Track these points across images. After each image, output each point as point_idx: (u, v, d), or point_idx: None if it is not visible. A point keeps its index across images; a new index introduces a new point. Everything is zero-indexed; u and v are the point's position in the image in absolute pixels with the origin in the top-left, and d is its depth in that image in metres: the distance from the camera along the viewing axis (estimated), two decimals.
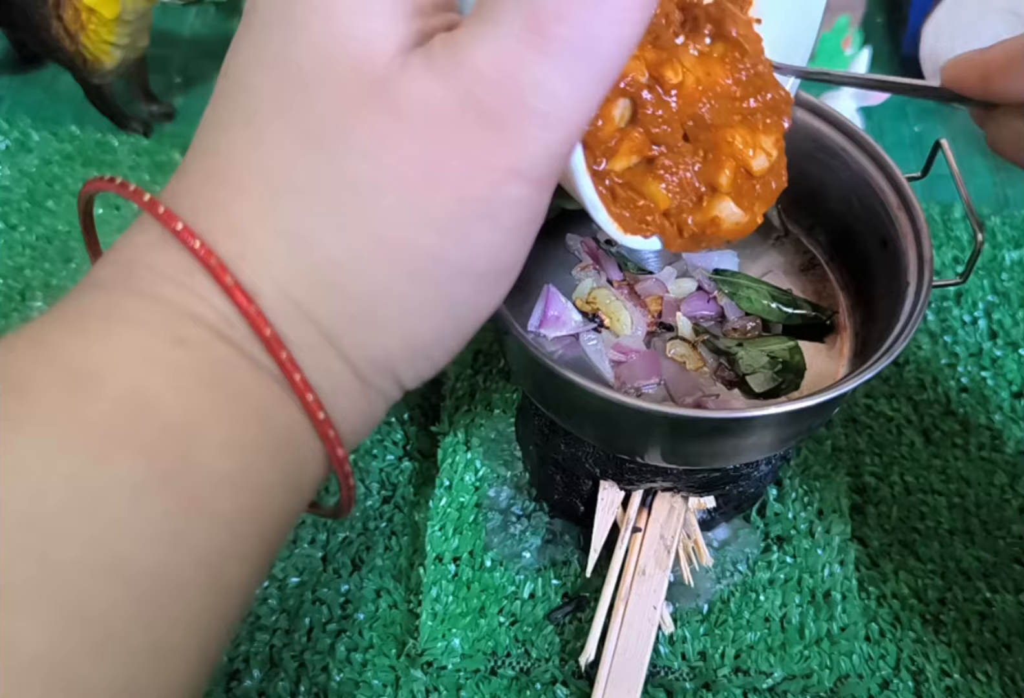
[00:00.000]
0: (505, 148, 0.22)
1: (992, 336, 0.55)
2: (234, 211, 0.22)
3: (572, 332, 0.39)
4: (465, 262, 0.23)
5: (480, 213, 0.22)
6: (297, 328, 0.22)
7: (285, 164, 0.22)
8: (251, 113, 0.23)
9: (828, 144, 0.40)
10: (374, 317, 0.23)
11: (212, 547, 0.21)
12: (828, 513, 0.47)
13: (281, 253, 0.22)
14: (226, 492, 0.21)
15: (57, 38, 0.58)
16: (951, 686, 0.43)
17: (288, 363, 0.22)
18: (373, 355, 0.24)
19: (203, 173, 0.23)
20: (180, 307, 0.22)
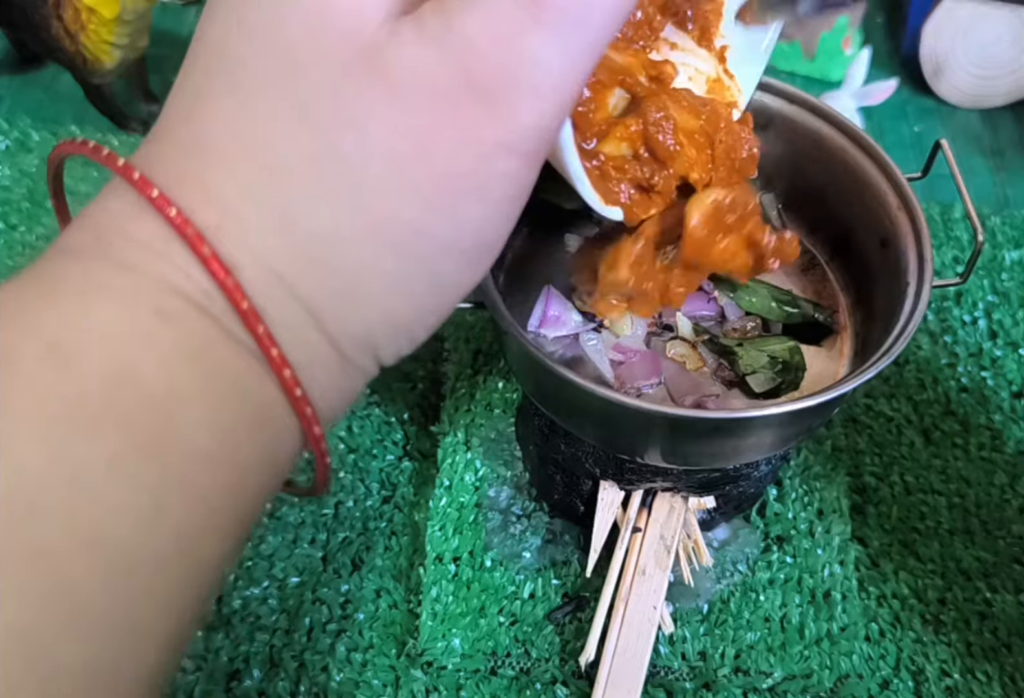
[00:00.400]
0: (496, 120, 0.21)
1: (992, 336, 0.55)
2: (214, 181, 0.22)
3: (572, 332, 0.39)
4: (450, 237, 0.23)
5: (468, 187, 0.22)
6: (277, 302, 0.22)
7: (271, 134, 0.22)
8: (234, 82, 0.22)
9: (828, 144, 0.40)
10: (357, 292, 0.23)
11: (190, 522, 0.21)
12: (828, 513, 0.47)
13: (263, 225, 0.22)
14: (204, 467, 0.21)
15: (57, 38, 0.58)
16: (951, 686, 0.43)
17: (265, 338, 0.22)
18: (354, 331, 0.23)
19: (180, 141, 0.22)
20: (158, 277, 0.21)
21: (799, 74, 0.70)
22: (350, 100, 0.21)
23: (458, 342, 0.52)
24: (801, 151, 0.41)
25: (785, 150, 0.41)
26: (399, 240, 0.22)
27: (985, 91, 0.67)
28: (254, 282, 0.22)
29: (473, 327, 0.53)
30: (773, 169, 0.42)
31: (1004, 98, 0.68)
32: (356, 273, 0.22)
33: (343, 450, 0.50)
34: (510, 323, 0.34)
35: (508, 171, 0.22)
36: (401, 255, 0.23)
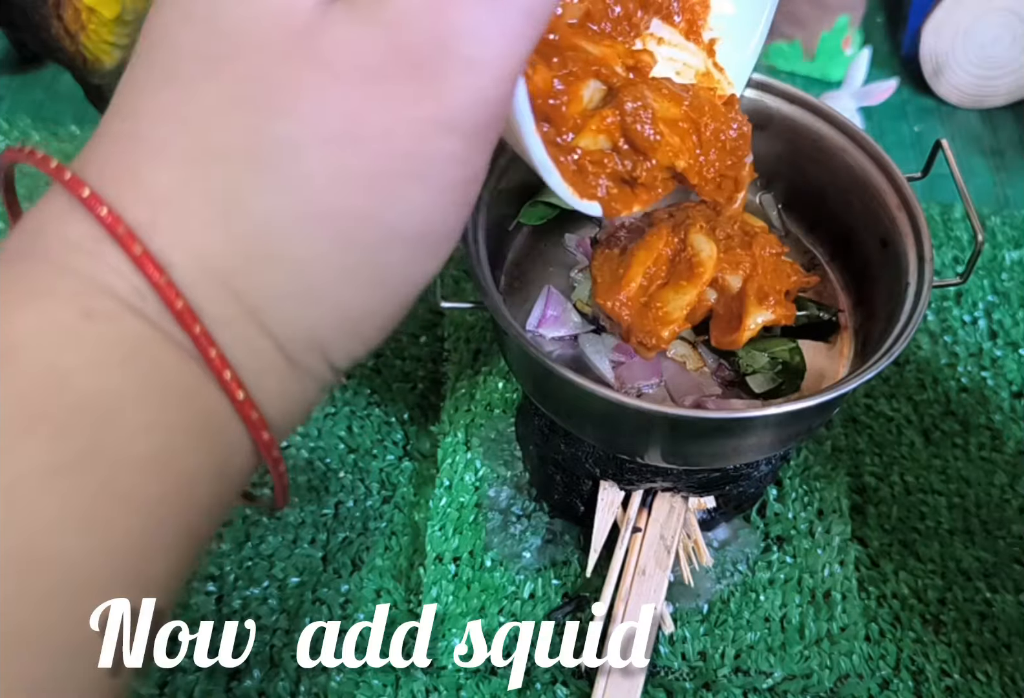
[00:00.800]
0: (430, 97, 0.20)
1: (992, 336, 0.55)
2: (149, 176, 0.21)
3: (571, 333, 0.39)
4: (394, 225, 0.22)
5: (407, 170, 0.21)
6: (216, 302, 0.21)
7: (206, 124, 0.21)
8: (173, 72, 0.21)
9: (828, 144, 0.40)
10: (300, 287, 0.22)
11: (130, 534, 0.20)
12: (828, 513, 0.47)
13: (200, 220, 0.21)
14: (144, 477, 0.20)
15: (57, 38, 0.58)
16: (951, 686, 0.43)
17: (202, 337, 0.21)
18: (300, 329, 0.22)
19: (118, 137, 0.22)
20: (90, 279, 0.20)
21: (799, 74, 0.70)
22: (284, 84, 0.20)
23: (458, 342, 0.52)
24: (801, 151, 0.41)
25: (785, 150, 0.41)
26: (340, 229, 0.21)
27: (985, 91, 0.67)
28: (190, 280, 0.21)
29: (473, 327, 0.53)
30: (773, 169, 0.42)
31: (1004, 98, 0.68)
32: (298, 266, 0.21)
33: (343, 450, 0.50)
34: (510, 323, 0.34)
35: (448, 152, 0.21)
36: (344, 245, 0.21)
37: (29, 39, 0.61)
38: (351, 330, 0.24)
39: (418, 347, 0.53)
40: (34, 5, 0.57)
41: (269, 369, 0.22)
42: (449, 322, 0.53)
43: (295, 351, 0.23)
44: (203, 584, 0.45)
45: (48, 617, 0.18)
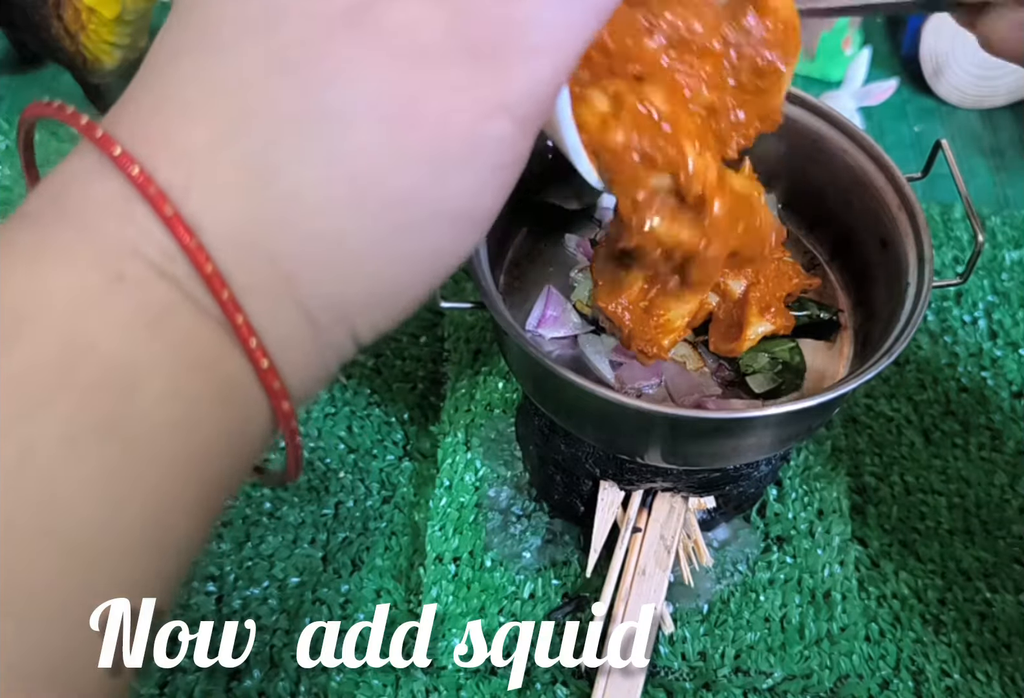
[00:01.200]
0: (492, 82, 0.20)
1: (992, 336, 0.55)
2: (186, 139, 0.20)
3: (571, 334, 0.39)
4: (438, 205, 0.22)
5: (461, 152, 0.21)
6: (248, 268, 0.21)
7: (250, 90, 0.20)
8: (212, 35, 0.21)
9: (828, 144, 0.40)
10: (337, 258, 0.21)
11: (152, 501, 0.20)
12: (828, 513, 0.47)
13: (237, 185, 0.20)
14: (167, 443, 0.20)
15: (57, 38, 0.58)
16: (951, 686, 0.43)
17: (230, 304, 0.20)
18: (330, 301, 0.22)
19: (153, 100, 0.21)
20: (118, 239, 0.20)
21: (799, 74, 0.70)
22: (338, 55, 0.20)
23: (458, 342, 0.52)
24: (801, 151, 0.41)
25: (785, 150, 0.41)
26: (384, 205, 0.21)
27: (985, 91, 0.67)
28: (221, 244, 0.20)
29: (473, 327, 0.53)
30: (773, 169, 0.42)
31: (1004, 98, 0.68)
32: (336, 237, 0.21)
33: (343, 450, 0.50)
34: (510, 323, 0.34)
35: (502, 136, 0.21)
36: (385, 221, 0.21)
37: (29, 39, 0.61)
38: (380, 305, 0.23)
39: (418, 347, 0.53)
40: (34, 5, 0.57)
41: (295, 339, 0.22)
42: (449, 322, 0.53)
43: (323, 323, 0.22)
44: (203, 584, 0.45)
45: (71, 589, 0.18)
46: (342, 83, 0.20)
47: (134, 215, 0.20)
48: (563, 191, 0.41)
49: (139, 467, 0.19)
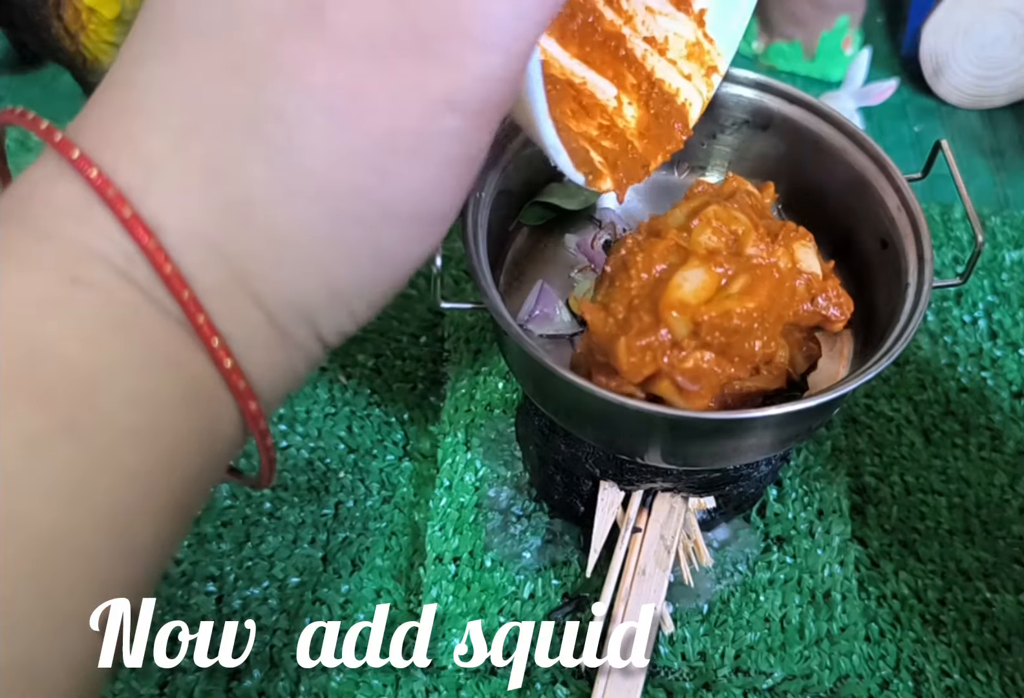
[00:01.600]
0: (440, 74, 0.20)
1: (992, 336, 0.55)
2: (145, 141, 0.21)
3: (558, 332, 0.39)
4: (392, 202, 0.22)
5: (410, 146, 0.21)
6: (206, 269, 0.21)
7: (203, 90, 0.21)
8: (168, 41, 0.21)
9: (828, 144, 0.40)
10: (293, 257, 0.22)
11: (117, 505, 0.19)
12: (828, 513, 0.47)
13: (191, 185, 0.20)
14: (132, 446, 0.20)
15: (57, 38, 0.58)
16: (951, 686, 0.43)
17: (191, 303, 0.20)
18: (290, 300, 0.22)
19: (114, 105, 0.22)
20: (77, 243, 0.20)
21: (799, 74, 0.70)
22: (289, 54, 0.20)
23: (458, 342, 0.52)
24: (801, 151, 0.41)
25: (785, 150, 0.41)
26: (339, 203, 0.21)
27: (985, 91, 0.67)
28: (180, 245, 0.20)
29: (473, 327, 0.53)
30: (773, 169, 0.42)
31: (1004, 98, 0.68)
32: (291, 237, 0.21)
33: (343, 450, 0.50)
34: (510, 324, 0.34)
35: (453, 130, 0.21)
36: (339, 219, 0.21)
37: (29, 39, 0.61)
38: (342, 305, 0.23)
39: (418, 347, 0.53)
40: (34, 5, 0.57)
41: (258, 339, 0.22)
42: (449, 322, 0.53)
43: (285, 322, 0.22)
44: (203, 584, 0.45)
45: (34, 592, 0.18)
46: (288, 81, 0.20)
47: (94, 218, 0.20)
48: (563, 191, 0.42)
49: (103, 469, 0.19)
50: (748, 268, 0.33)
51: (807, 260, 0.35)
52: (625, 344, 0.32)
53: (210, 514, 0.47)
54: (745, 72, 0.40)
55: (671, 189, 0.44)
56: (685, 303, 0.32)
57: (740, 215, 0.34)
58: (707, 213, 0.34)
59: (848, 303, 0.35)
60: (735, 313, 0.31)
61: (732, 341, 0.32)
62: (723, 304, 0.32)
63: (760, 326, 0.32)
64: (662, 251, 0.33)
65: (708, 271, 0.32)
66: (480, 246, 0.36)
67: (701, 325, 0.31)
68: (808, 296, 0.34)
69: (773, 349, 0.33)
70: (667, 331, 0.32)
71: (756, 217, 0.35)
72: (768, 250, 0.34)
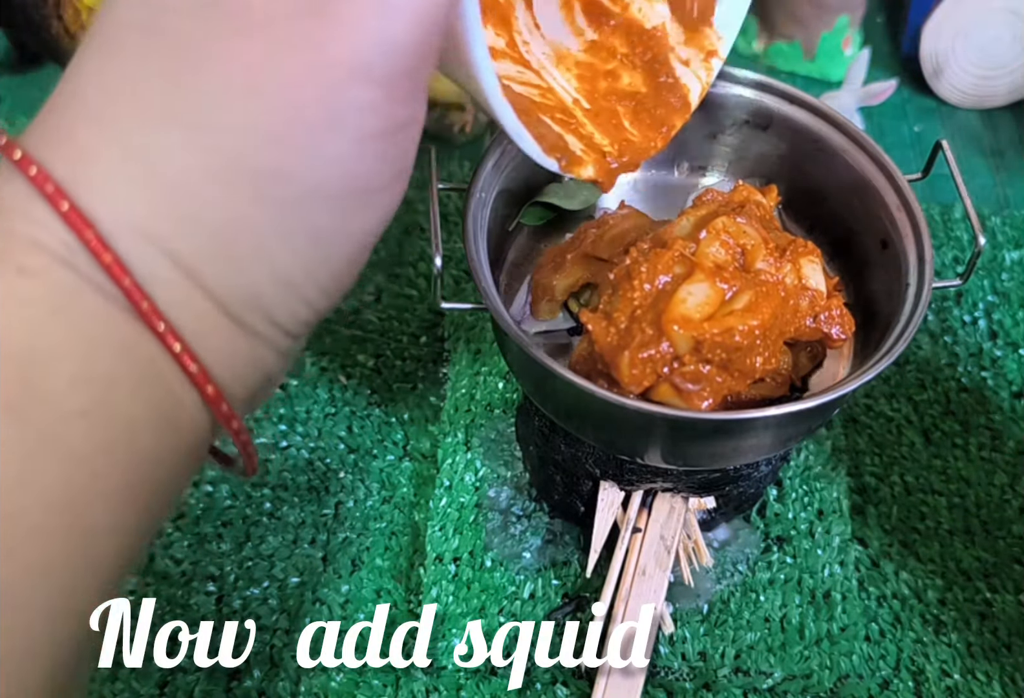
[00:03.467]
0: (336, 41, 0.20)
1: (992, 336, 0.55)
2: (80, 135, 0.21)
3: (552, 328, 0.39)
4: (313, 181, 0.21)
5: (320, 120, 0.20)
6: (146, 258, 0.21)
7: (132, 83, 0.21)
8: (111, 42, 0.22)
9: (828, 144, 0.40)
10: (228, 245, 0.21)
11: (66, 487, 0.20)
12: (828, 513, 0.47)
13: (123, 178, 0.21)
14: (80, 427, 0.20)
15: (57, 38, 0.58)
16: (951, 686, 0.43)
17: (133, 290, 0.20)
18: (238, 291, 0.22)
19: (58, 104, 0.22)
20: (20, 236, 0.20)
21: (799, 74, 0.70)
22: (203, 40, 0.20)
23: (458, 342, 0.52)
24: (801, 151, 0.41)
25: (785, 150, 0.41)
26: (257, 187, 0.21)
27: (985, 91, 0.67)
28: (117, 235, 0.21)
29: (473, 327, 0.53)
30: (773, 169, 0.42)
31: (1004, 98, 0.68)
32: (223, 223, 0.21)
33: (343, 450, 0.50)
34: (510, 323, 0.34)
35: (362, 101, 0.21)
36: (266, 202, 0.21)
37: (29, 39, 0.61)
38: (293, 292, 0.23)
39: (418, 347, 0.53)
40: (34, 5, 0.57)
41: (209, 325, 0.22)
42: (449, 322, 0.54)
43: (238, 312, 0.22)
44: (203, 584, 0.45)
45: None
46: (202, 62, 0.20)
47: (35, 213, 0.20)
48: (563, 191, 0.42)
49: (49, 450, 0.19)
50: (754, 284, 0.33)
51: (814, 277, 0.35)
52: (628, 358, 0.32)
53: (210, 514, 0.47)
54: (745, 72, 0.40)
55: (671, 189, 0.44)
56: (688, 318, 0.32)
57: (750, 229, 0.34)
58: (716, 225, 0.34)
59: (850, 322, 0.35)
60: (737, 330, 0.31)
61: (733, 357, 0.32)
62: (726, 321, 0.32)
63: (762, 342, 0.32)
64: (667, 262, 0.33)
65: (713, 286, 0.32)
66: (480, 246, 0.36)
67: (703, 343, 0.31)
68: (811, 312, 0.34)
69: (774, 365, 0.33)
70: (669, 345, 0.32)
71: (765, 231, 0.35)
72: (776, 265, 0.33)
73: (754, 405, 0.35)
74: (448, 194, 0.58)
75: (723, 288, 0.32)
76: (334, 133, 0.21)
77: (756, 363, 0.32)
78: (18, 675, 0.19)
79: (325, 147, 0.21)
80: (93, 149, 0.21)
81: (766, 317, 0.32)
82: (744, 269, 0.33)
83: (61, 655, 0.20)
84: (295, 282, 0.23)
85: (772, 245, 0.34)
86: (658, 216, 0.41)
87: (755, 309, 0.32)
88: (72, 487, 0.20)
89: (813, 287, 0.34)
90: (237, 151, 0.21)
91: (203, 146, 0.21)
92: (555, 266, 0.38)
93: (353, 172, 0.22)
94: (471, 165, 0.60)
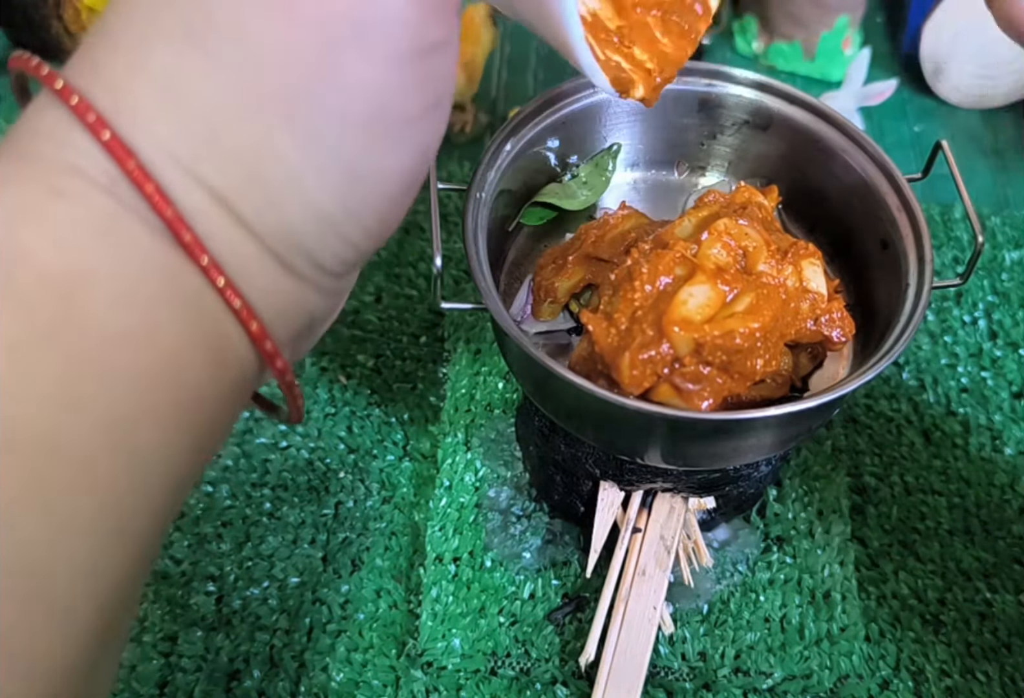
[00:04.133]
0: None
1: (992, 336, 0.55)
2: (112, 67, 0.21)
3: (552, 328, 0.40)
4: (341, 103, 0.21)
5: (347, 37, 0.20)
6: (187, 191, 0.21)
7: (156, 12, 0.21)
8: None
9: (828, 145, 0.40)
10: (260, 177, 0.21)
11: (114, 408, 0.19)
12: (828, 513, 0.47)
13: (155, 106, 0.20)
14: (122, 349, 0.19)
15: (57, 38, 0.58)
16: (951, 686, 0.43)
17: (176, 221, 0.20)
18: (275, 226, 0.22)
19: (90, 43, 0.22)
20: (58, 161, 0.20)
21: (799, 74, 0.70)
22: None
23: (458, 342, 0.52)
24: (801, 151, 0.41)
25: (785, 150, 0.41)
26: (288, 110, 0.21)
27: (985, 91, 0.67)
28: (158, 165, 0.20)
29: (473, 327, 0.53)
30: (773, 169, 0.42)
31: (1004, 98, 0.68)
32: (256, 154, 0.21)
33: (343, 450, 0.50)
34: (510, 324, 0.34)
35: (392, 14, 0.20)
36: (295, 129, 0.21)
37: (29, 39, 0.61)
38: (333, 231, 0.23)
39: (418, 347, 0.54)
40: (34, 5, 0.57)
41: (253, 263, 0.22)
42: (449, 322, 0.54)
43: (275, 246, 0.22)
44: (203, 584, 0.45)
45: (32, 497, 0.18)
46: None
47: (75, 141, 0.20)
48: (563, 191, 0.42)
49: (93, 371, 0.19)
50: (755, 286, 0.33)
51: (815, 279, 0.35)
52: (629, 359, 0.32)
53: (210, 514, 0.47)
54: (745, 72, 0.40)
55: (671, 189, 0.44)
56: (689, 320, 0.31)
57: (751, 231, 0.34)
58: (717, 226, 0.34)
59: (850, 325, 0.35)
60: (738, 333, 0.31)
61: (734, 359, 0.32)
62: (727, 323, 0.31)
63: (763, 345, 0.32)
64: (668, 263, 0.33)
65: (714, 288, 0.32)
66: (480, 246, 0.36)
67: (704, 345, 0.31)
68: (812, 315, 0.34)
69: (775, 367, 0.33)
70: (669, 346, 0.32)
71: (766, 232, 0.35)
72: (777, 268, 0.33)
73: (754, 405, 0.35)
74: (448, 194, 0.58)
75: (724, 290, 0.32)
76: (362, 52, 0.20)
77: (757, 365, 0.32)
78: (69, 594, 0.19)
79: (353, 67, 0.20)
80: (125, 80, 0.21)
81: (767, 320, 0.32)
82: (745, 271, 0.33)
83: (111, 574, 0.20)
84: (334, 220, 0.22)
85: (774, 247, 0.34)
86: (658, 216, 0.41)
87: (756, 311, 0.32)
88: (115, 407, 0.19)
89: (814, 290, 0.34)
90: (266, 77, 0.20)
91: (234, 74, 0.20)
92: (557, 267, 0.38)
93: (379, 95, 0.21)
94: (471, 165, 0.60)
